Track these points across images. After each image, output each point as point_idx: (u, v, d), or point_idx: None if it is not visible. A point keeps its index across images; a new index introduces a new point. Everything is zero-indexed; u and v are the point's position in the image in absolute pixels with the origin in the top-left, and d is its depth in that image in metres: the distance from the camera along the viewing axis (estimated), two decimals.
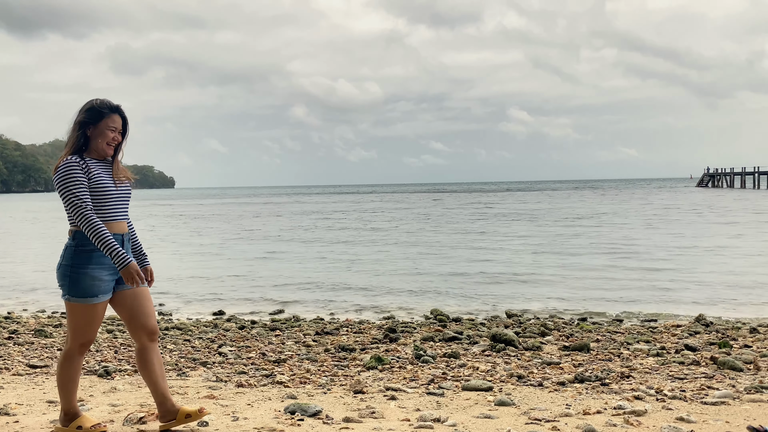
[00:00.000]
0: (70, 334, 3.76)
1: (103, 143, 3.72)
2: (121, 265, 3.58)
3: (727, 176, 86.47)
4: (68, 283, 3.66)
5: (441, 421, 4.21)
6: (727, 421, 4.19)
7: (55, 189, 3.64)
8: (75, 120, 3.72)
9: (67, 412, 3.86)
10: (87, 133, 3.70)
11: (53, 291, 13.38)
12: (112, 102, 3.78)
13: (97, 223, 3.56)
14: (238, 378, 5.70)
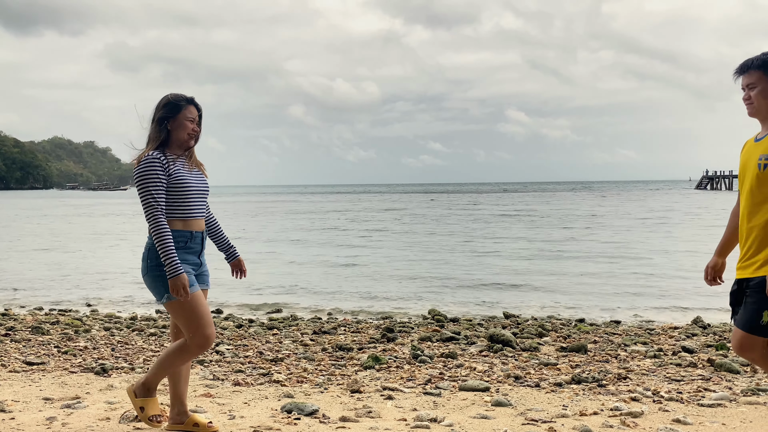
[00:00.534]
0: (187, 333, 3.66)
1: (184, 135, 3.72)
2: (172, 274, 3.51)
3: (726, 179, 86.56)
4: (162, 283, 3.59)
5: (438, 421, 4.21)
6: (724, 423, 4.19)
7: (134, 182, 3.63)
8: (154, 117, 3.72)
9: (147, 384, 3.85)
10: (168, 127, 3.70)
11: (52, 289, 13.38)
12: (186, 94, 3.79)
13: (164, 227, 3.54)
14: (235, 377, 5.70)
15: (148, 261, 3.64)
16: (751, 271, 3.29)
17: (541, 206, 51.54)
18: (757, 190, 3.28)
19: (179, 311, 3.64)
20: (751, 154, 3.37)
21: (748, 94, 3.37)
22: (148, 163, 3.60)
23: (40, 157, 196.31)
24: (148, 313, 10.34)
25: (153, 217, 3.55)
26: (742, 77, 3.39)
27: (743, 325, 3.28)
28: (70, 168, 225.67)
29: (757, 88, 3.33)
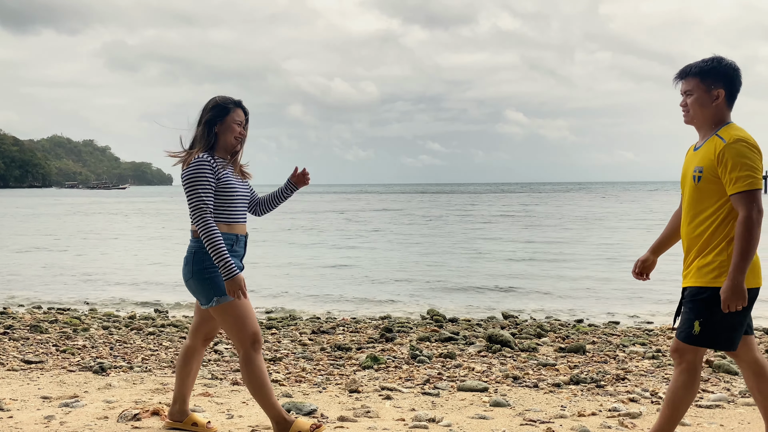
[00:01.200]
0: (236, 338, 3.61)
1: (231, 138, 3.69)
2: (228, 276, 3.47)
3: None
4: (210, 286, 3.55)
5: (436, 422, 4.21)
6: (722, 424, 4.19)
7: (182, 183, 3.58)
8: (201, 120, 3.69)
9: (278, 420, 3.65)
10: (215, 130, 3.67)
11: (51, 287, 13.37)
12: (233, 97, 3.76)
13: (214, 230, 3.49)
14: (234, 376, 5.70)
15: (193, 265, 3.58)
16: (686, 281, 3.32)
17: (540, 207, 51.57)
18: (694, 201, 3.26)
19: (226, 316, 3.58)
20: (689, 163, 3.33)
21: (684, 101, 3.31)
22: (198, 166, 3.56)
23: (39, 156, 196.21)
24: (147, 312, 10.33)
25: (202, 220, 3.50)
26: (681, 83, 3.33)
27: (678, 334, 3.29)
28: (69, 166, 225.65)
29: (693, 96, 3.26)
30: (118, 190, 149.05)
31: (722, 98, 3.22)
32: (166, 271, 15.84)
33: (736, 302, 3.07)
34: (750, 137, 3.16)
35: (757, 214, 3.08)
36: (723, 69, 3.22)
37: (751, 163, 3.08)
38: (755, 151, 3.11)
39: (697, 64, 3.26)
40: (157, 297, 12.06)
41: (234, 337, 3.62)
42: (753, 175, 3.08)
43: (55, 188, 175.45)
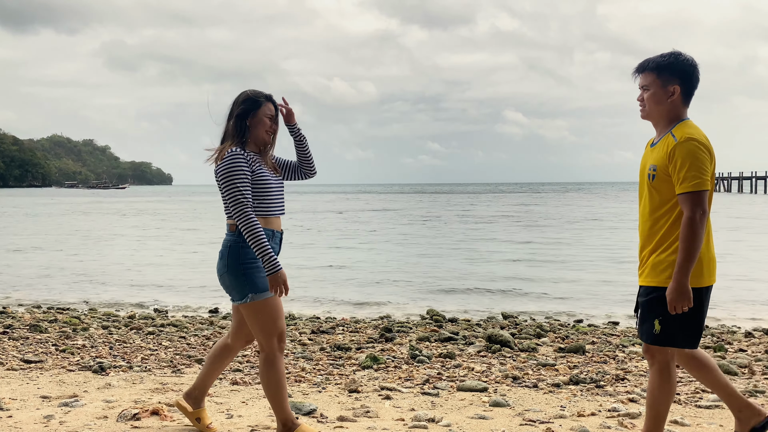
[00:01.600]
0: (262, 336, 3.57)
1: (262, 132, 3.65)
2: (272, 271, 3.43)
3: (725, 180, 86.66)
4: (246, 283, 3.50)
5: (435, 421, 4.22)
6: (721, 424, 4.20)
7: (217, 179, 3.53)
8: (232, 114, 3.64)
9: (285, 422, 3.65)
10: (247, 123, 3.62)
11: (50, 287, 13.37)
12: (263, 91, 3.72)
13: (256, 223, 3.44)
14: (233, 375, 5.70)
15: (228, 259, 3.53)
16: (642, 279, 3.31)
17: (540, 207, 51.57)
18: (648, 199, 3.25)
19: (258, 314, 3.54)
20: (646, 160, 3.32)
21: (641, 96, 3.28)
22: (232, 159, 3.50)
23: (39, 155, 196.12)
24: (146, 311, 10.33)
25: (243, 214, 3.44)
26: (639, 77, 3.29)
27: (641, 335, 3.29)
28: (69, 166, 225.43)
29: (650, 91, 3.23)
30: (117, 190, 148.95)
31: (678, 94, 3.19)
32: (165, 270, 15.85)
33: (681, 303, 3.09)
34: (702, 137, 3.13)
35: (701, 216, 3.07)
36: (680, 65, 3.19)
37: (699, 164, 3.07)
38: (705, 151, 3.10)
39: (654, 59, 3.23)
40: (156, 297, 12.06)
41: (261, 335, 3.58)
42: (700, 175, 3.07)
43: (55, 188, 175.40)
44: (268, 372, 3.60)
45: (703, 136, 3.15)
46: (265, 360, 3.60)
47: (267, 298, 3.52)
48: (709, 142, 3.15)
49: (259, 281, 3.50)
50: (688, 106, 3.25)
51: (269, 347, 3.58)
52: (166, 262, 17.51)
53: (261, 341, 3.60)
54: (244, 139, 3.61)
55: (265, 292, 3.51)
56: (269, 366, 3.60)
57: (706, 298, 3.22)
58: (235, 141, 3.59)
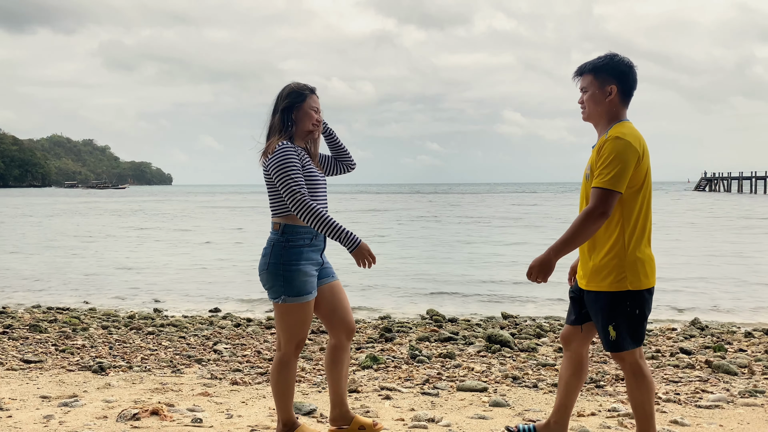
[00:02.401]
0: (284, 337, 3.56)
1: (308, 124, 3.60)
2: (353, 245, 3.38)
3: (725, 180, 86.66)
4: (282, 283, 3.46)
5: (435, 422, 4.21)
6: (721, 424, 4.19)
7: (269, 173, 3.46)
8: (277, 108, 3.59)
9: (286, 423, 3.64)
10: (293, 116, 3.57)
11: (50, 286, 13.36)
12: (307, 84, 3.67)
13: (318, 208, 3.39)
14: (233, 375, 5.70)
15: (271, 258, 3.49)
16: (585, 284, 3.32)
17: (540, 207, 51.57)
18: (587, 201, 3.26)
19: (287, 316, 3.51)
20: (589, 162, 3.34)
21: (581, 98, 3.33)
22: (284, 151, 3.44)
23: (39, 155, 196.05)
24: (146, 311, 10.33)
25: (304, 204, 3.37)
26: (578, 80, 3.34)
27: (604, 347, 3.31)
28: (68, 166, 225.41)
29: (588, 93, 3.28)
30: (117, 190, 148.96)
31: (615, 94, 3.24)
32: (165, 270, 15.84)
33: (539, 274, 3.17)
34: (634, 138, 3.15)
35: (600, 215, 3.09)
36: (616, 65, 3.25)
37: (622, 164, 3.08)
38: (633, 152, 3.11)
39: (591, 61, 3.30)
40: (156, 296, 12.06)
41: (283, 336, 3.55)
42: (617, 176, 3.08)
43: (55, 188, 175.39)
44: (280, 373, 3.59)
45: (636, 137, 3.17)
46: (280, 361, 3.59)
47: (299, 303, 3.49)
48: (641, 144, 3.17)
49: (295, 284, 3.46)
50: (627, 107, 3.30)
51: (287, 350, 3.57)
52: (166, 262, 17.51)
53: (281, 341, 3.58)
54: (291, 133, 3.56)
55: (298, 297, 3.47)
56: (282, 367, 3.59)
57: (650, 299, 3.25)
58: (282, 135, 3.54)
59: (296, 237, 3.48)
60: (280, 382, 3.59)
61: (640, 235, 3.18)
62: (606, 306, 3.20)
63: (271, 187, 3.51)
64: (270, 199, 3.54)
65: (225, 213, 46.23)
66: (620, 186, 3.08)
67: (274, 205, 3.53)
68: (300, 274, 3.47)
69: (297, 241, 3.48)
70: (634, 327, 3.20)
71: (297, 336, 3.55)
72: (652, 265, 3.22)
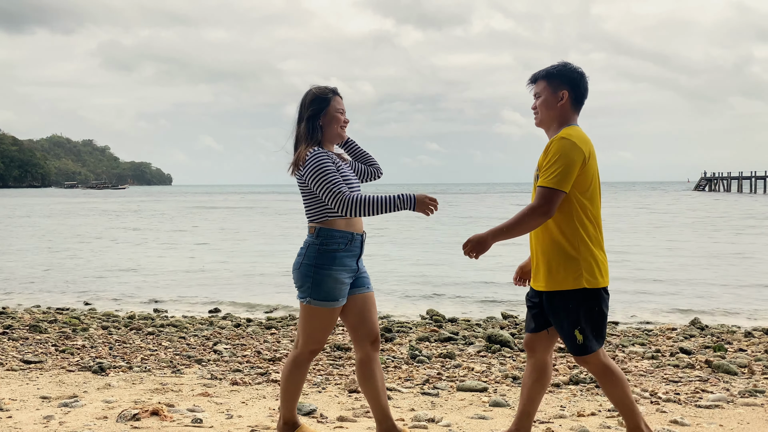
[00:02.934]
0: (302, 339, 3.53)
1: (336, 128, 3.57)
2: (411, 204, 3.36)
3: (725, 180, 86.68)
4: (311, 285, 3.43)
5: (435, 422, 4.21)
6: (721, 424, 4.20)
7: (303, 183, 3.44)
8: (302, 116, 3.54)
9: (287, 421, 3.64)
10: (319, 123, 3.52)
11: (50, 287, 13.36)
12: (328, 85, 3.63)
13: (363, 197, 3.33)
14: (233, 376, 5.70)
15: (304, 258, 3.46)
16: (542, 285, 3.33)
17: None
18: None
19: (310, 318, 3.48)
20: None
21: (535, 104, 3.41)
22: (317, 157, 3.40)
23: (39, 156, 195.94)
24: (146, 311, 10.33)
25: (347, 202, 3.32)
26: (532, 87, 3.44)
27: (570, 351, 3.33)
28: (68, 166, 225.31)
29: (542, 98, 3.37)
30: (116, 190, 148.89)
31: (567, 99, 3.33)
32: (164, 270, 15.84)
33: (473, 250, 3.21)
34: (581, 140, 3.20)
35: (543, 214, 3.16)
36: (568, 72, 3.36)
37: (567, 164, 3.14)
38: (579, 152, 3.15)
39: (545, 69, 3.40)
40: (156, 296, 12.06)
41: (302, 337, 3.53)
42: (561, 174, 3.13)
43: (55, 188, 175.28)
44: (292, 372, 3.57)
45: (583, 139, 3.23)
46: (294, 360, 3.57)
47: (324, 307, 3.44)
48: (587, 146, 3.22)
49: (323, 288, 3.42)
50: (578, 113, 3.39)
51: (302, 350, 3.54)
52: (166, 263, 17.51)
53: (300, 341, 3.55)
54: (319, 139, 3.51)
55: (323, 302, 3.43)
56: (295, 367, 3.57)
57: (606, 297, 3.28)
58: (311, 143, 3.49)
59: (331, 241, 3.44)
60: (290, 381, 3.58)
61: (591, 237, 3.24)
62: (566, 306, 3.23)
63: (305, 193, 3.48)
64: (305, 205, 3.51)
65: (223, 213, 46.24)
66: (564, 185, 3.15)
67: (309, 211, 3.50)
68: (330, 279, 3.42)
69: (332, 246, 3.44)
70: (597, 326, 3.25)
71: (315, 341, 3.52)
72: (605, 266, 3.28)
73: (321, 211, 3.46)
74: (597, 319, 3.24)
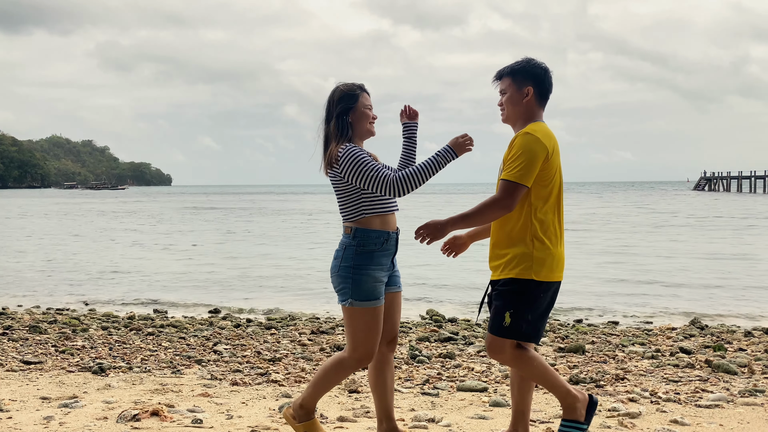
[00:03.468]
0: (350, 344, 3.45)
1: (366, 125, 3.53)
2: (451, 153, 3.37)
3: (724, 180, 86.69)
4: (351, 286, 3.38)
5: (435, 422, 4.21)
6: (721, 424, 4.19)
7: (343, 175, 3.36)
8: (331, 114, 3.50)
9: (305, 405, 3.58)
10: (349, 120, 3.49)
11: (49, 288, 13.36)
12: (355, 81, 3.59)
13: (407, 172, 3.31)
14: (233, 376, 5.70)
15: (342, 260, 3.42)
16: (495, 273, 3.36)
17: None
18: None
19: (355, 321, 3.41)
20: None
21: (501, 101, 3.43)
22: (350, 149, 3.36)
23: (38, 156, 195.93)
24: (146, 312, 10.33)
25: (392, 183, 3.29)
26: (498, 84, 3.45)
27: (490, 329, 3.34)
28: (68, 167, 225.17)
29: (507, 95, 3.39)
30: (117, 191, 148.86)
31: (531, 95, 3.36)
32: (164, 270, 15.84)
33: (428, 235, 3.26)
34: (545, 136, 3.23)
35: (503, 207, 3.20)
36: (532, 68, 3.39)
37: (530, 158, 3.17)
38: (542, 148, 3.19)
39: (509, 65, 3.43)
40: (156, 297, 12.06)
41: (350, 342, 3.46)
42: (524, 169, 3.17)
43: (54, 188, 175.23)
44: (335, 371, 3.52)
45: (547, 135, 3.26)
46: (340, 361, 3.51)
47: (367, 307, 3.39)
48: (551, 142, 3.25)
49: (364, 288, 3.38)
50: (543, 109, 3.42)
51: (350, 356, 3.47)
52: (165, 263, 17.50)
53: (348, 346, 3.49)
54: (349, 137, 3.48)
55: (366, 301, 3.39)
56: (340, 369, 3.51)
57: (549, 293, 3.31)
58: (342, 140, 3.45)
59: (368, 241, 3.40)
60: (326, 377, 3.53)
61: (550, 231, 3.28)
62: (514, 291, 3.25)
63: (340, 192, 3.45)
64: (340, 205, 3.47)
65: (222, 214, 46.22)
66: (526, 180, 3.18)
67: (344, 210, 3.46)
68: (369, 278, 3.39)
69: (369, 246, 3.40)
70: (532, 318, 3.26)
71: (362, 345, 3.42)
72: (556, 262, 3.31)
73: (357, 209, 3.42)
74: (534, 310, 3.26)
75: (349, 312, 3.42)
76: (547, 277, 3.27)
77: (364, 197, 3.41)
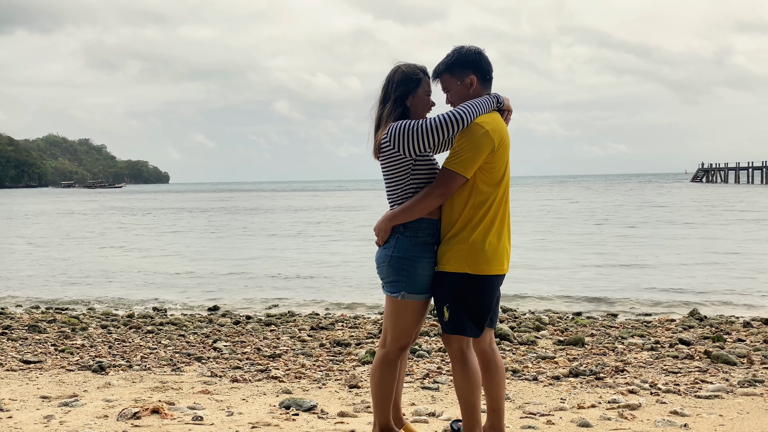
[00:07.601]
0: (393, 335, 3.35)
1: (424, 112, 3.36)
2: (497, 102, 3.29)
3: (722, 171, 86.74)
4: (405, 278, 3.25)
5: (436, 416, 4.22)
6: (721, 414, 4.20)
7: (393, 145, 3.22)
8: (389, 95, 3.34)
9: (383, 427, 3.43)
10: (407, 104, 3.33)
11: (49, 287, 13.35)
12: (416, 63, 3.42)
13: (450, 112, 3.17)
14: (233, 373, 5.70)
15: (394, 251, 3.27)
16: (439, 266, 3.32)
17: (537, 202, 51.59)
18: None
19: (401, 312, 3.30)
20: None
21: (448, 99, 3.40)
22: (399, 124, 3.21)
23: (35, 155, 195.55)
24: (146, 310, 10.32)
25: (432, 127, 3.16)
26: (438, 83, 3.40)
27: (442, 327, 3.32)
28: (65, 166, 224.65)
29: (452, 90, 3.36)
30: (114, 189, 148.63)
31: (476, 83, 3.32)
32: (164, 268, 15.82)
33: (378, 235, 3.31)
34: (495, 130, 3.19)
35: (440, 195, 3.19)
36: (465, 56, 3.33)
37: (472, 149, 3.14)
38: (486, 141, 3.15)
39: (443, 62, 3.36)
40: (155, 295, 12.05)
41: (392, 333, 3.36)
42: (466, 159, 3.15)
43: (52, 188, 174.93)
44: (384, 372, 3.38)
45: (497, 128, 3.22)
46: (384, 358, 3.39)
47: (418, 300, 3.30)
48: (500, 135, 3.21)
49: (417, 280, 3.27)
50: (490, 88, 3.37)
51: (391, 348, 3.37)
52: (164, 261, 17.49)
53: (389, 338, 3.37)
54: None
55: (419, 294, 3.28)
56: (386, 366, 3.38)
57: (489, 286, 3.26)
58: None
59: (421, 233, 3.28)
60: (383, 383, 3.38)
61: (490, 225, 3.21)
62: (451, 285, 3.23)
63: (390, 179, 3.32)
64: (388, 192, 3.34)
65: (220, 212, 46.20)
66: (466, 171, 3.15)
67: (394, 197, 3.33)
68: (424, 271, 3.28)
69: (422, 237, 3.28)
70: (470, 312, 3.23)
71: (405, 336, 3.36)
72: (497, 255, 3.23)
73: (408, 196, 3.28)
74: (470, 304, 3.22)
75: (400, 304, 3.30)
76: (484, 270, 3.20)
77: (413, 183, 3.27)
